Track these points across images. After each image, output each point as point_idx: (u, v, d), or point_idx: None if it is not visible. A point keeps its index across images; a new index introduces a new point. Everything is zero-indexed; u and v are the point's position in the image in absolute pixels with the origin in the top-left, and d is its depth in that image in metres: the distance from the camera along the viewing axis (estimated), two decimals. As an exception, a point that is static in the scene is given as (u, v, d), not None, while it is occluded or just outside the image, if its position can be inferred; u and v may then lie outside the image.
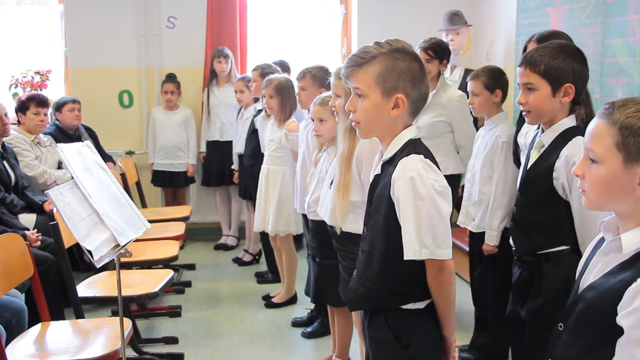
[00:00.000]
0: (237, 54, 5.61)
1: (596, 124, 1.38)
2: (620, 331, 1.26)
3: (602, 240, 1.46)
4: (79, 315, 3.02)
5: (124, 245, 2.50)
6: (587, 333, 1.38)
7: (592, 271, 1.44)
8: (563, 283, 2.06)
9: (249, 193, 4.90)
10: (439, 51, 3.65)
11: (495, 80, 3.12)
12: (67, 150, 2.58)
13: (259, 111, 4.57)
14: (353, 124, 1.84)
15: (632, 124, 1.30)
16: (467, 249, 3.43)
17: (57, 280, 3.42)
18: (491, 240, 3.01)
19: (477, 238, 3.18)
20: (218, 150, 5.45)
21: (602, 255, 1.43)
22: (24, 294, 3.23)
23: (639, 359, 1.22)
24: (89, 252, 2.30)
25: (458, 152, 3.72)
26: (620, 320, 1.26)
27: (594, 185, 1.38)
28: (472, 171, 3.22)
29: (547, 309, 2.11)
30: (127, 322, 2.75)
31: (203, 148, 5.55)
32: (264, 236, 4.46)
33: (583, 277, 1.48)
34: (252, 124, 4.60)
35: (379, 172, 1.83)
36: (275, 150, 4.05)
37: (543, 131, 2.23)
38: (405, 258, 1.68)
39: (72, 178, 2.53)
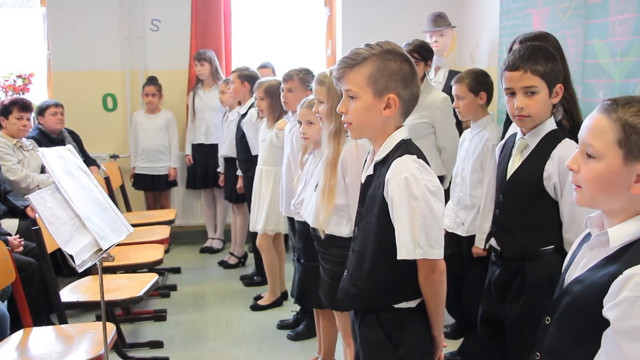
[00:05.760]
0: (222, 56, 5.60)
1: (596, 119, 1.37)
2: (606, 323, 1.28)
3: (588, 235, 1.48)
4: (62, 320, 2.99)
5: (107, 250, 2.48)
6: (574, 326, 1.39)
7: (578, 265, 1.45)
8: (545, 282, 2.08)
9: (234, 196, 4.90)
10: (424, 53, 3.67)
11: (479, 82, 3.13)
12: (49, 155, 2.56)
13: (243, 115, 4.57)
14: (345, 125, 1.85)
15: (636, 123, 1.31)
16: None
17: (40, 286, 3.39)
18: (481, 244, 3.01)
19: (466, 242, 3.18)
20: (203, 153, 5.44)
21: (588, 249, 1.44)
22: (5, 301, 3.19)
23: (626, 350, 1.24)
24: (71, 256, 2.28)
25: (440, 154, 3.73)
26: (607, 312, 1.27)
27: (590, 181, 1.37)
28: (460, 175, 3.21)
29: (529, 307, 2.12)
30: (111, 327, 2.74)
31: (189, 151, 5.53)
32: (253, 239, 4.44)
33: (569, 271, 1.49)
34: (240, 128, 4.59)
35: (372, 172, 1.84)
36: (267, 150, 4.05)
37: (523, 133, 2.23)
38: (398, 257, 1.69)
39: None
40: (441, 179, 3.65)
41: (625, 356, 1.24)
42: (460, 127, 3.95)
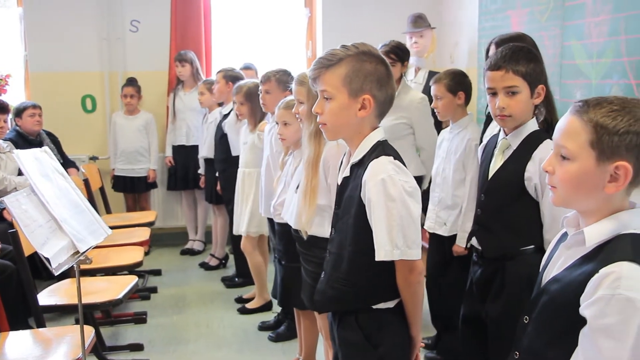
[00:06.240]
0: (202, 57, 5.58)
1: (569, 121, 1.38)
2: (583, 322, 1.29)
3: (564, 235, 1.49)
4: (40, 324, 2.96)
5: (84, 252, 2.46)
6: (552, 325, 1.41)
7: (555, 265, 1.47)
8: (526, 281, 2.09)
9: (215, 197, 4.88)
10: (400, 53, 3.67)
11: (457, 82, 3.15)
12: (24, 157, 2.53)
13: (225, 115, 4.55)
14: (320, 126, 1.84)
15: (607, 123, 1.32)
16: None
17: (17, 289, 3.35)
18: (462, 242, 3.02)
19: (447, 242, 3.19)
20: (183, 155, 5.42)
21: (564, 249, 1.46)
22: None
23: (603, 348, 1.25)
24: (47, 259, 2.26)
25: (419, 154, 3.74)
26: (583, 310, 1.29)
27: (565, 182, 1.39)
28: (441, 175, 3.22)
29: (509, 306, 2.13)
30: (90, 330, 2.71)
31: (169, 152, 5.50)
32: (234, 240, 4.43)
33: (546, 270, 1.50)
34: (220, 128, 4.57)
35: (348, 174, 1.84)
36: (248, 152, 4.04)
37: (505, 133, 2.24)
38: (376, 259, 1.70)
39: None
40: (421, 178, 3.67)
41: (601, 354, 1.26)
42: (440, 127, 3.97)
